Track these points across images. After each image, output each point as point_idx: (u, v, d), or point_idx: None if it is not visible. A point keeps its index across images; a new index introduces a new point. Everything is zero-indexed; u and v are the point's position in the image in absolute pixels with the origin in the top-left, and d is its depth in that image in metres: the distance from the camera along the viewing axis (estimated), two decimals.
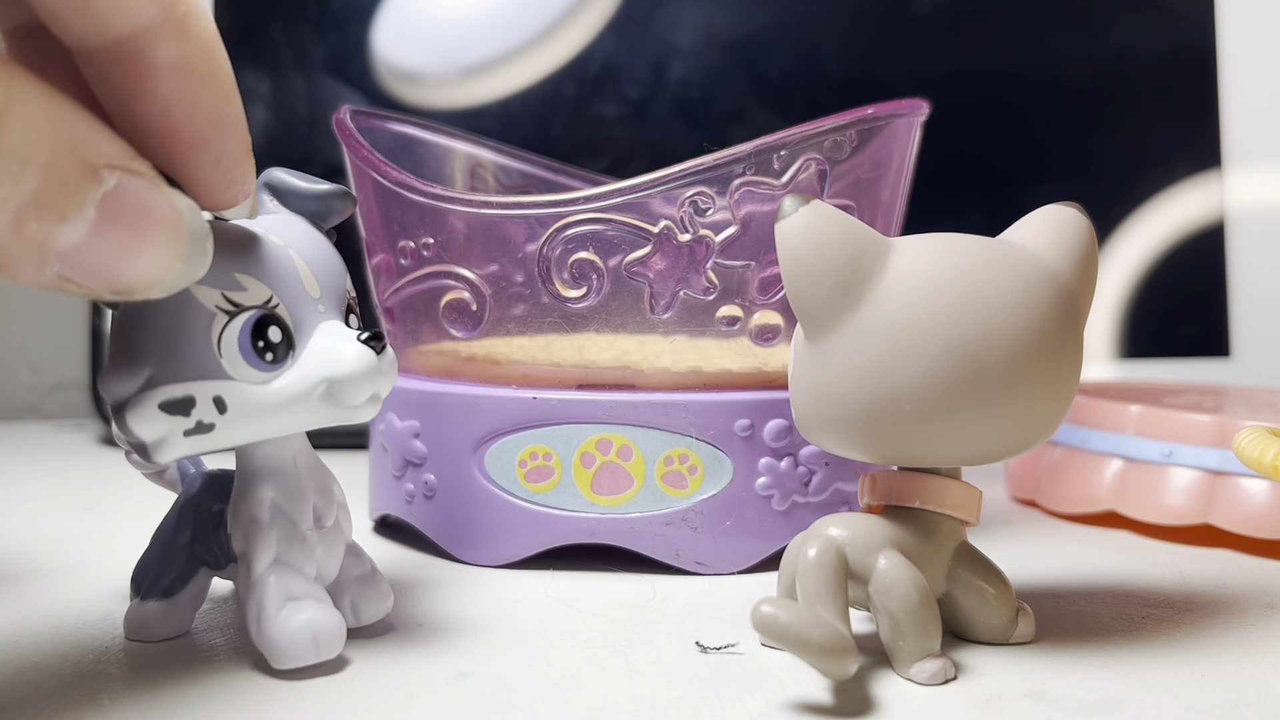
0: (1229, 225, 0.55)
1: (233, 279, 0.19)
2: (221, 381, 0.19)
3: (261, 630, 0.20)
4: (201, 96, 0.18)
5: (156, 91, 0.18)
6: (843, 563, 0.21)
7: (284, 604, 0.20)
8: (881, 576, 0.21)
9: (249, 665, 0.21)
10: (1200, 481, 0.31)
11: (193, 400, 0.19)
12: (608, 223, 0.28)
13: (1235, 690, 0.20)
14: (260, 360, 0.19)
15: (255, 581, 0.20)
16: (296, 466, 0.21)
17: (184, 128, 0.18)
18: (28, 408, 0.63)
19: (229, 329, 0.19)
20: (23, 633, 0.23)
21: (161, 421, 0.19)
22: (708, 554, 0.28)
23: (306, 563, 0.21)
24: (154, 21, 0.17)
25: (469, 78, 0.55)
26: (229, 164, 0.19)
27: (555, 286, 0.28)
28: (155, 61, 0.17)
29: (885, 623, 0.21)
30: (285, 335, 0.20)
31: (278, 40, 0.55)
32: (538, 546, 0.28)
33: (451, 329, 0.30)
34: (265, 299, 0.19)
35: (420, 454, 0.30)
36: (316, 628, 0.20)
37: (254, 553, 0.21)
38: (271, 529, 0.21)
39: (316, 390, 0.20)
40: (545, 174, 0.39)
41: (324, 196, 0.22)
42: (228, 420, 0.19)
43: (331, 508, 0.22)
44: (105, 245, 0.16)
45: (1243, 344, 0.55)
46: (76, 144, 0.16)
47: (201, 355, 0.19)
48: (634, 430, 0.28)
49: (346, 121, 0.32)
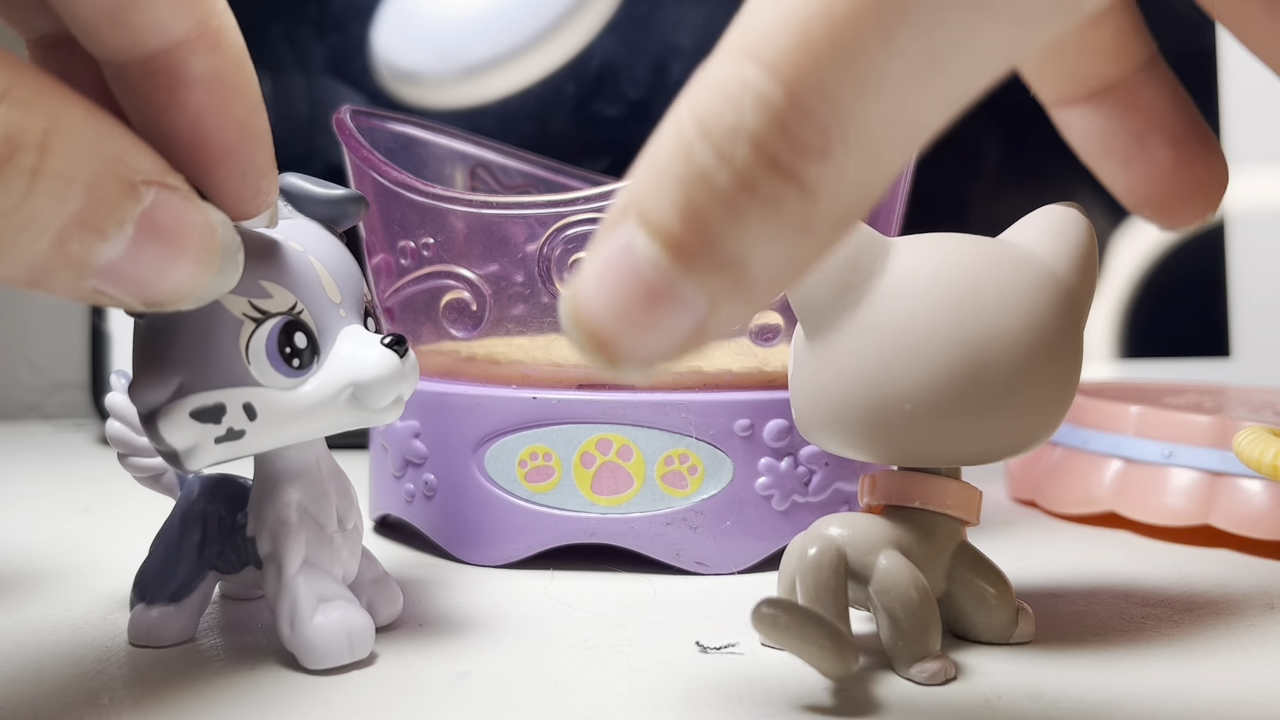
0: (1229, 225, 0.55)
1: (259, 287, 0.19)
2: (251, 388, 0.19)
3: (296, 631, 0.20)
4: (232, 109, 0.18)
5: (188, 104, 0.18)
6: (843, 563, 0.21)
7: (317, 605, 0.21)
8: (882, 576, 0.21)
9: (249, 666, 0.21)
10: (1200, 482, 0.31)
11: (223, 407, 0.19)
12: None
13: (1235, 690, 0.20)
14: (287, 366, 0.19)
15: (287, 583, 0.21)
16: (320, 469, 0.22)
17: (214, 139, 0.18)
18: (28, 408, 0.63)
19: (256, 336, 0.19)
20: (23, 633, 0.23)
21: (193, 429, 0.19)
22: (708, 554, 0.28)
23: (334, 564, 0.21)
24: (188, 36, 0.17)
25: (469, 77, 0.55)
26: (256, 175, 0.19)
27: (556, 286, 0.28)
28: (188, 75, 0.17)
29: (885, 622, 0.21)
30: (310, 341, 0.20)
31: (278, 40, 0.55)
32: (538, 546, 0.28)
33: (452, 329, 0.30)
34: (290, 305, 0.20)
35: (420, 454, 0.30)
36: (350, 628, 0.21)
37: (284, 555, 0.21)
38: (300, 530, 0.21)
39: (343, 394, 0.20)
40: (545, 174, 0.39)
41: (338, 201, 0.22)
42: (258, 426, 0.19)
43: (352, 510, 0.22)
44: (142, 260, 0.16)
45: (1243, 344, 0.55)
46: (117, 161, 0.16)
47: (230, 363, 0.19)
48: (634, 430, 0.28)
49: (347, 121, 0.32)
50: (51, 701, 0.19)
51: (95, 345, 0.57)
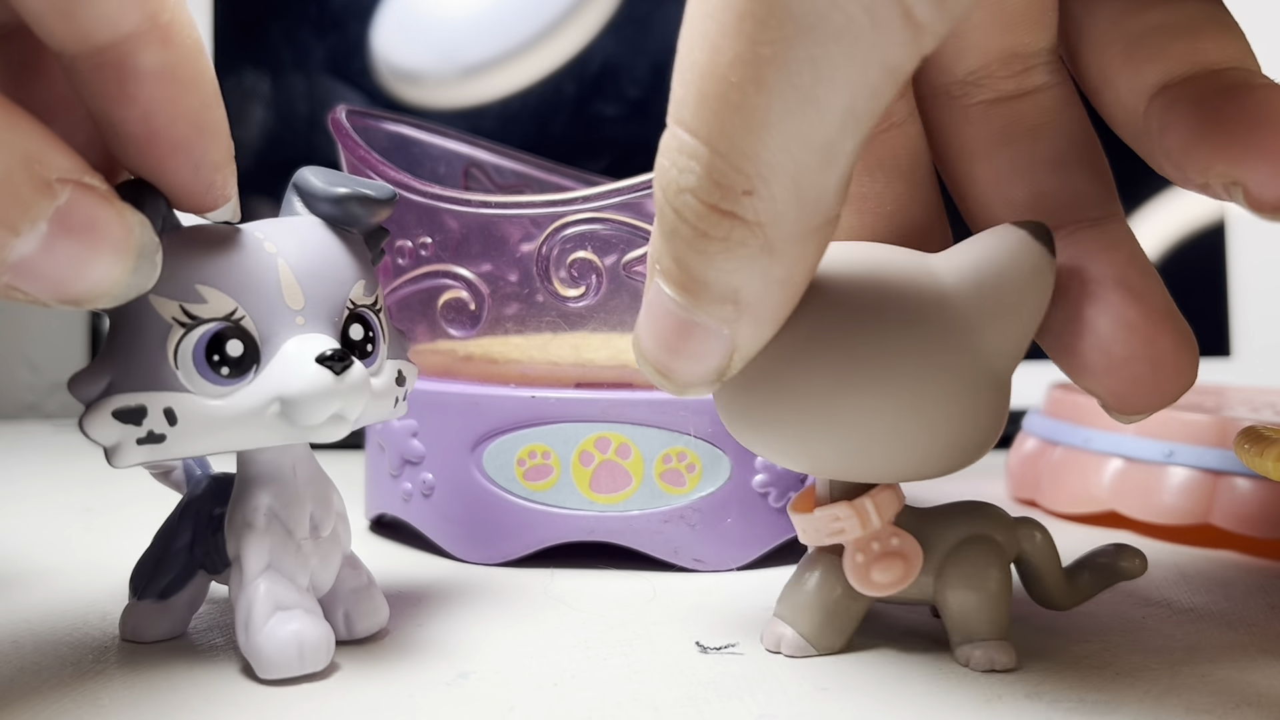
0: (1229, 225, 0.55)
1: (193, 291, 0.19)
2: (174, 393, 0.19)
3: (249, 638, 0.20)
4: (183, 103, 0.18)
5: (138, 97, 0.18)
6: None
7: (273, 613, 0.20)
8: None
9: (249, 666, 0.21)
10: (1201, 481, 0.31)
11: (144, 410, 0.19)
12: (606, 222, 0.28)
13: (1236, 690, 0.20)
14: (215, 374, 0.19)
15: (246, 587, 0.20)
16: (295, 474, 0.21)
17: (164, 133, 0.18)
18: (28, 408, 0.63)
19: (185, 341, 0.19)
20: (22, 633, 0.23)
21: (115, 428, 0.19)
22: (705, 551, 0.28)
23: (299, 572, 0.21)
24: (138, 29, 0.17)
25: (469, 77, 0.55)
26: (209, 170, 0.19)
27: (554, 286, 0.28)
28: (137, 68, 0.18)
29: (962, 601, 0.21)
30: (249, 349, 0.19)
31: (277, 40, 0.54)
32: (536, 545, 0.28)
33: (449, 328, 0.30)
34: (227, 311, 0.19)
35: (418, 453, 0.30)
36: (303, 639, 0.20)
37: (246, 558, 0.20)
38: (265, 535, 0.20)
39: (270, 409, 0.19)
40: (539, 174, 0.39)
41: (339, 200, 0.21)
42: (179, 432, 0.19)
43: (329, 518, 0.22)
44: (56, 258, 0.17)
45: (1243, 344, 0.54)
46: (30, 158, 0.16)
47: (156, 366, 0.19)
48: (632, 428, 0.28)
49: (343, 121, 0.32)
50: (50, 701, 0.19)
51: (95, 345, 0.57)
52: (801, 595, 0.22)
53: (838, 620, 0.22)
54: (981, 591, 0.21)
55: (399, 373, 0.22)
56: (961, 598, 0.21)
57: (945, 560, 0.21)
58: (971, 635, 0.21)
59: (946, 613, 0.21)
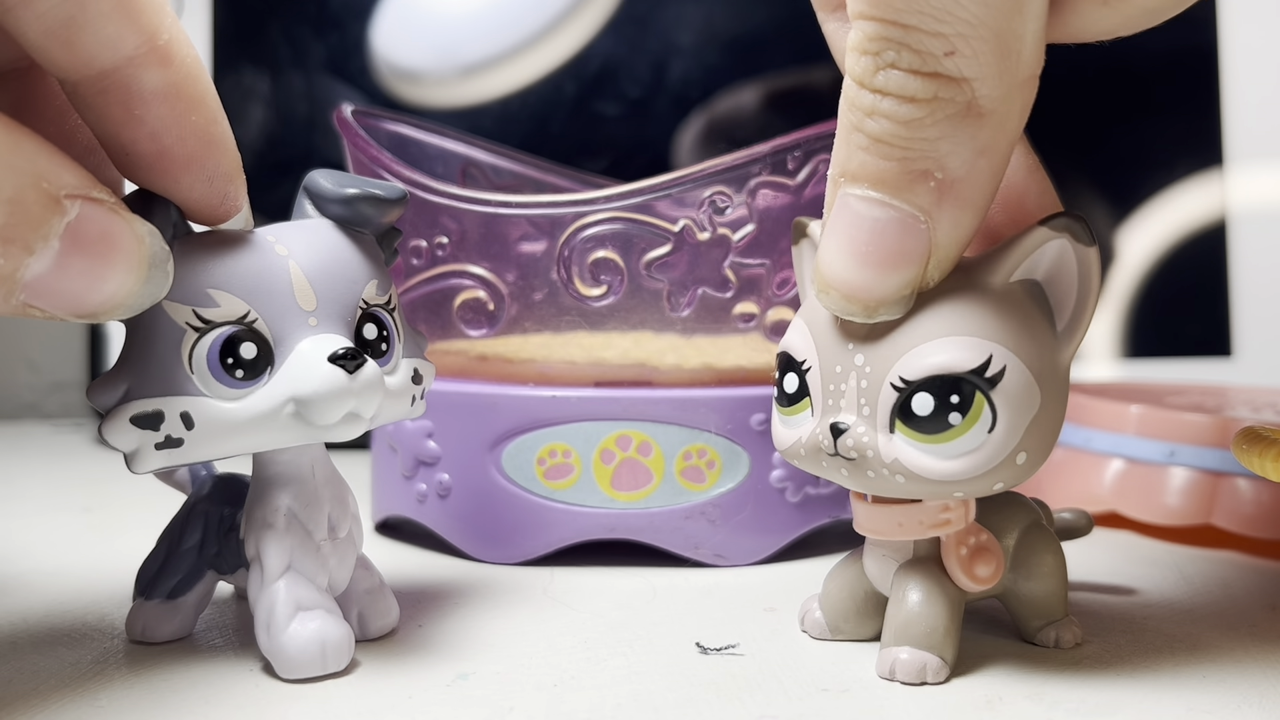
0: (1231, 224, 0.55)
1: (205, 295, 0.19)
2: (190, 398, 0.19)
3: (271, 638, 0.20)
4: (190, 119, 0.18)
5: (145, 118, 0.18)
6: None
7: (295, 613, 0.20)
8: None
9: (250, 666, 0.21)
10: (1201, 482, 0.31)
11: (161, 415, 0.19)
12: (627, 222, 0.28)
13: (1236, 690, 0.20)
14: (229, 377, 0.19)
15: (267, 588, 0.20)
16: (314, 475, 0.21)
17: (175, 150, 0.18)
18: (28, 408, 0.63)
19: (199, 346, 0.19)
20: (22, 633, 0.23)
21: (133, 434, 0.19)
22: (725, 546, 0.28)
23: (319, 573, 0.21)
24: (138, 51, 0.18)
25: (469, 76, 0.54)
26: (221, 181, 0.19)
27: (575, 285, 0.28)
28: (142, 90, 0.18)
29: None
30: (263, 351, 0.19)
31: (277, 39, 0.54)
32: (557, 543, 0.28)
33: (467, 328, 0.30)
34: (240, 314, 0.19)
35: (434, 454, 0.29)
36: (326, 639, 0.20)
37: (267, 559, 0.21)
38: (286, 536, 0.21)
39: (285, 409, 0.19)
40: (536, 174, 0.39)
41: (349, 201, 0.21)
42: (196, 436, 0.19)
43: (346, 518, 0.22)
44: (70, 273, 0.17)
45: (1244, 344, 0.54)
46: (39, 176, 0.16)
47: (172, 371, 0.19)
48: (653, 426, 0.28)
49: (350, 120, 0.32)
50: (50, 701, 0.19)
51: (95, 345, 0.57)
52: (836, 583, 0.23)
53: (864, 614, 0.23)
54: (1055, 577, 0.22)
55: (415, 371, 0.22)
56: (1042, 585, 0.22)
57: (1015, 551, 0.22)
58: (1052, 616, 0.22)
59: (1023, 600, 0.22)
